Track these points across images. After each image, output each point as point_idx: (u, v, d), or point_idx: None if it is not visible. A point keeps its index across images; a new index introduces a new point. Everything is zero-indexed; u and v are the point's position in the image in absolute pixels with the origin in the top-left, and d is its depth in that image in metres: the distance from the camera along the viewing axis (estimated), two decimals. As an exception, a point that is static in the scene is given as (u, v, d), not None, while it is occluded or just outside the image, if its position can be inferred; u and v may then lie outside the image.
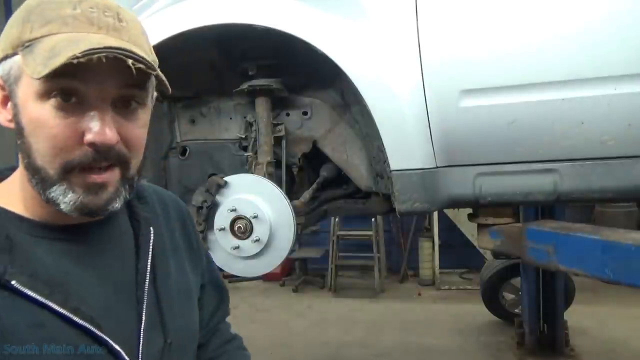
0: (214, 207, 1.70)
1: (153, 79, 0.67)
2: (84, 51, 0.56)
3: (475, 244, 4.91)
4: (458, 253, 5.93)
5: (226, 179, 1.71)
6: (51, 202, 0.63)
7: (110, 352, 0.64)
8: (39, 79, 0.58)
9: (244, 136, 1.97)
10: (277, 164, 1.93)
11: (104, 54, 0.57)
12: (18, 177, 0.68)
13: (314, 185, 1.99)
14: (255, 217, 1.66)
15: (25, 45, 0.60)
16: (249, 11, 1.60)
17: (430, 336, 4.12)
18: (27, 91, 0.61)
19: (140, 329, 0.69)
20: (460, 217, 5.45)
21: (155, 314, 0.72)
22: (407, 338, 4.11)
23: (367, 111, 1.61)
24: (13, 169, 0.71)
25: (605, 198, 1.65)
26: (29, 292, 0.60)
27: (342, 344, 4.03)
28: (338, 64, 1.58)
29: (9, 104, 0.64)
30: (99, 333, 0.63)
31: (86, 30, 0.61)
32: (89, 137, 0.61)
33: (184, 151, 2.06)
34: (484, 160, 1.62)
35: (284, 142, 1.94)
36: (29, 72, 0.58)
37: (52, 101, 0.60)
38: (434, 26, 1.56)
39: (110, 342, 0.64)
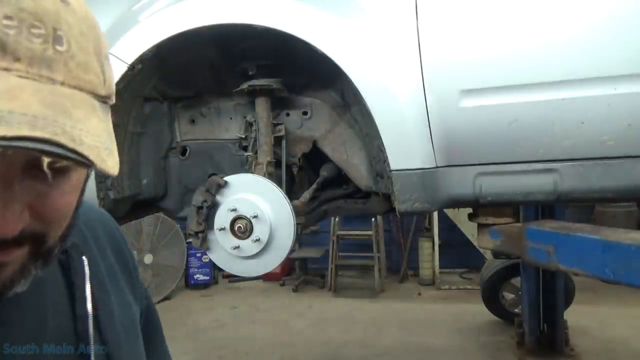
0: (214, 207, 1.70)
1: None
2: None
3: (475, 243, 4.90)
4: (458, 253, 5.94)
5: (226, 178, 1.71)
6: None
7: None
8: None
9: (244, 136, 1.97)
10: (277, 163, 1.93)
11: (0, 150, 0.34)
12: None
13: (314, 185, 1.99)
14: (255, 217, 1.66)
15: None
16: (248, 11, 1.60)
17: (430, 336, 4.12)
18: None
19: None
20: (460, 216, 5.45)
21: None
22: (407, 338, 4.11)
23: (367, 111, 1.61)
24: None
25: (605, 198, 1.65)
26: None
27: (342, 344, 4.03)
28: (338, 64, 1.58)
29: None
30: None
31: None
32: None
33: (184, 151, 2.06)
34: (484, 160, 1.62)
35: (284, 142, 1.94)
36: None
37: None
38: (434, 26, 1.56)
39: None
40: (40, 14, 0.38)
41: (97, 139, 0.40)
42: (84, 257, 0.60)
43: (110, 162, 0.41)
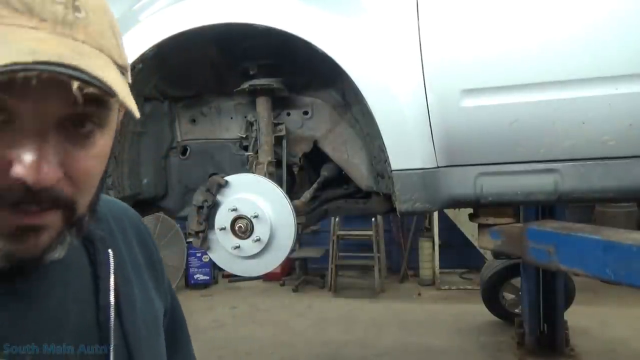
0: (214, 206, 1.70)
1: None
2: (5, 65, 0.37)
3: (476, 244, 4.90)
4: (458, 253, 5.94)
5: (227, 178, 1.71)
6: None
7: None
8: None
9: (244, 136, 1.97)
10: (277, 163, 1.93)
11: (35, 73, 0.38)
12: None
13: (315, 185, 1.99)
14: (255, 216, 1.66)
15: None
16: (249, 11, 1.60)
17: (430, 336, 4.12)
18: None
19: None
20: (460, 217, 5.45)
21: (124, 356, 0.59)
22: (407, 338, 4.11)
23: (367, 111, 1.60)
24: None
25: (606, 198, 1.65)
26: None
27: (342, 344, 4.03)
28: (339, 63, 1.58)
29: None
30: None
31: (19, 22, 0.41)
32: (18, 170, 0.43)
33: (184, 151, 2.06)
34: (485, 160, 1.62)
35: (284, 142, 1.94)
36: None
37: None
38: (435, 25, 1.56)
39: None
40: None
41: (119, 82, 0.44)
42: (109, 250, 0.62)
43: (132, 101, 0.45)
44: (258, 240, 1.67)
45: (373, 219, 5.53)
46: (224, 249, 1.71)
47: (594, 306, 4.39)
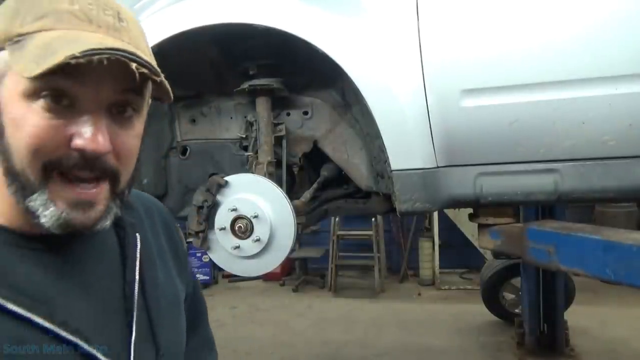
0: (214, 206, 1.70)
1: (149, 85, 0.62)
2: (84, 51, 0.51)
3: (476, 244, 4.91)
4: (458, 253, 5.94)
5: (227, 178, 1.71)
6: (30, 214, 0.57)
7: None
8: (29, 78, 0.52)
9: (244, 136, 1.97)
10: (277, 163, 1.93)
11: (106, 56, 0.52)
12: None
13: (315, 185, 1.99)
14: (255, 216, 1.66)
15: (13, 41, 0.54)
16: (249, 11, 1.60)
17: (430, 336, 4.12)
18: (12, 89, 0.55)
19: (130, 342, 0.65)
20: (460, 217, 5.45)
21: (145, 326, 0.68)
22: (407, 338, 4.11)
23: (367, 111, 1.60)
24: None
25: (606, 198, 1.65)
26: (10, 306, 0.54)
27: (342, 344, 4.03)
28: (339, 63, 1.58)
29: None
30: (87, 348, 0.59)
31: (83, 29, 0.56)
32: (78, 142, 0.55)
33: (184, 151, 2.06)
34: (485, 160, 1.62)
35: (284, 142, 1.93)
36: (19, 70, 0.53)
37: (41, 102, 0.54)
38: (435, 25, 1.56)
39: (100, 356, 0.60)
40: (107, 3, 0.59)
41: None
42: (137, 234, 0.73)
43: (167, 84, 0.61)
44: (258, 240, 1.67)
45: (373, 219, 5.53)
46: (224, 249, 1.71)
47: (594, 306, 4.40)
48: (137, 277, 0.69)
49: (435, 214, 5.62)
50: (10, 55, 0.55)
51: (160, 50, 1.64)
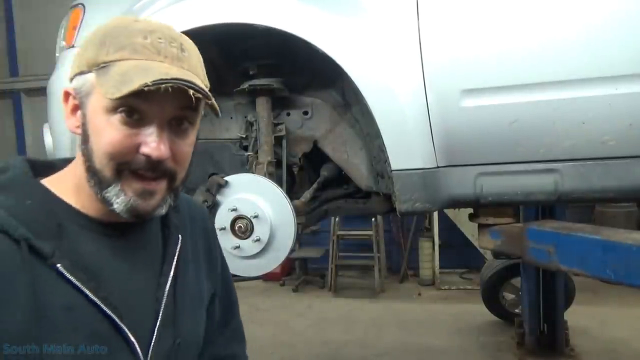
0: (214, 206, 1.70)
1: (203, 103, 0.73)
2: (154, 81, 0.64)
3: (476, 244, 4.91)
4: (458, 253, 5.93)
5: (227, 178, 1.71)
6: (105, 202, 0.71)
7: (125, 342, 0.71)
8: (111, 99, 0.65)
9: (244, 136, 1.97)
10: (277, 163, 1.93)
11: (170, 84, 0.65)
12: (72, 172, 0.75)
13: (315, 185, 1.99)
14: (255, 216, 1.66)
15: (100, 66, 0.68)
16: (249, 11, 1.60)
17: (430, 336, 4.12)
18: (96, 105, 0.69)
19: (155, 326, 0.75)
20: (460, 217, 5.44)
21: (170, 314, 0.78)
22: (407, 338, 4.11)
23: (367, 111, 1.60)
24: (67, 161, 0.79)
25: (606, 198, 1.65)
26: (69, 277, 0.67)
27: (342, 344, 4.03)
28: (339, 63, 1.58)
29: (79, 112, 0.72)
30: (119, 323, 0.70)
31: (153, 59, 0.69)
32: (145, 149, 0.69)
33: (184, 151, 2.05)
34: (485, 160, 1.62)
35: (284, 142, 1.93)
36: (103, 91, 0.66)
37: (118, 116, 0.68)
38: (435, 26, 1.56)
39: (128, 333, 0.71)
40: (173, 37, 0.73)
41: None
42: (179, 235, 0.84)
43: (216, 106, 0.73)
44: (258, 240, 1.67)
45: (373, 219, 5.53)
46: (224, 249, 1.70)
47: (594, 306, 4.39)
48: (172, 272, 0.80)
49: (435, 214, 5.61)
50: (96, 78, 0.68)
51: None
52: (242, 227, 1.67)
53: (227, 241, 1.70)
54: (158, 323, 0.76)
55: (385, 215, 4.76)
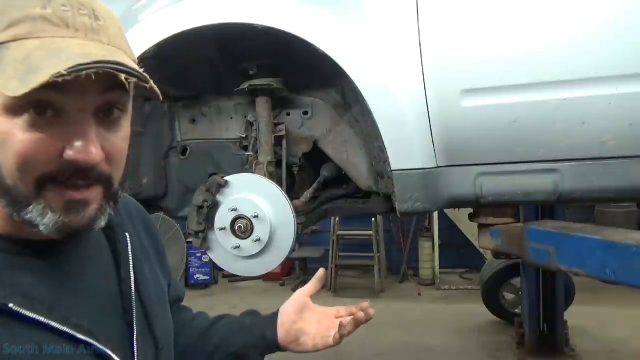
0: (214, 206, 1.70)
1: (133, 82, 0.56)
2: (71, 68, 0.48)
3: (476, 244, 4.90)
4: (458, 253, 5.93)
5: (227, 178, 1.71)
6: (28, 224, 0.56)
7: None
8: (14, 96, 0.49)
9: (244, 136, 1.97)
10: (277, 163, 1.92)
11: (93, 70, 0.50)
12: None
13: (315, 185, 1.99)
14: (255, 216, 1.66)
15: None
16: (249, 11, 1.60)
17: (430, 336, 4.12)
18: None
19: (132, 339, 0.67)
20: (460, 217, 5.44)
21: (143, 322, 0.70)
22: (407, 338, 4.11)
23: (367, 111, 1.60)
24: None
25: (605, 198, 1.65)
26: (30, 314, 0.55)
27: (342, 344, 4.02)
28: (339, 63, 1.58)
29: None
30: (100, 346, 0.60)
31: (61, 35, 0.53)
32: (70, 154, 0.54)
33: (184, 151, 2.06)
34: (485, 160, 1.62)
35: (284, 142, 1.93)
36: (1, 87, 0.50)
37: (25, 116, 0.52)
38: (435, 25, 1.56)
39: (112, 355, 0.61)
40: (82, 1, 0.55)
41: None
42: (127, 234, 0.74)
43: (156, 87, 0.57)
44: (258, 240, 1.67)
45: (373, 219, 5.53)
46: (224, 249, 1.71)
47: (594, 306, 4.39)
48: (132, 275, 0.71)
49: (435, 214, 5.61)
50: None
51: (160, 50, 1.64)
52: (242, 227, 1.67)
53: (227, 241, 1.69)
54: (135, 335, 0.67)
55: (385, 215, 4.75)
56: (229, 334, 0.96)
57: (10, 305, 0.54)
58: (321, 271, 1.01)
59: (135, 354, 0.66)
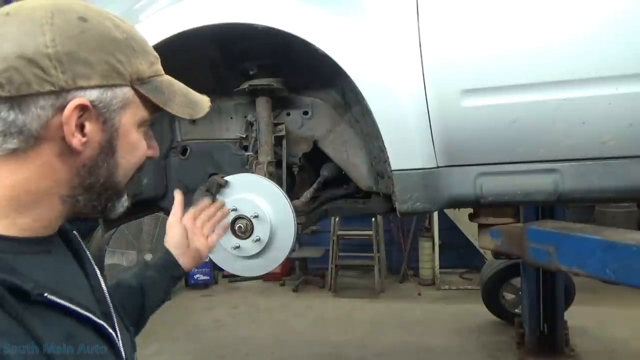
0: (214, 206, 1.69)
1: None
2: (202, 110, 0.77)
3: (476, 244, 4.91)
4: (458, 253, 5.94)
5: (227, 178, 1.71)
6: (107, 211, 0.70)
7: (114, 348, 0.69)
8: (185, 119, 0.68)
9: (244, 136, 1.97)
10: (277, 163, 1.92)
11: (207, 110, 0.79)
12: None
13: (315, 185, 1.99)
14: (255, 216, 1.66)
15: (143, 81, 0.69)
16: (249, 11, 1.60)
17: (430, 336, 4.12)
18: (130, 120, 0.68)
19: (115, 328, 0.73)
20: (460, 217, 5.45)
21: (116, 309, 0.77)
22: (407, 338, 4.11)
23: (367, 111, 1.60)
24: None
25: (605, 198, 1.65)
26: (63, 302, 0.60)
27: (342, 344, 4.03)
28: (339, 63, 1.58)
29: (90, 127, 0.63)
30: (110, 330, 0.68)
31: (162, 70, 0.76)
32: (150, 152, 0.74)
33: (184, 151, 2.06)
34: (485, 160, 1.62)
35: (284, 142, 1.93)
36: (176, 112, 0.71)
37: (144, 128, 0.72)
38: (435, 25, 1.56)
39: (116, 339, 0.69)
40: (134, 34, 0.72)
41: None
42: (74, 231, 0.78)
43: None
44: (258, 240, 1.66)
45: (373, 219, 5.53)
46: (224, 249, 1.70)
47: (594, 306, 4.39)
48: (101, 280, 0.77)
49: (435, 214, 5.61)
50: (149, 93, 0.69)
51: (160, 50, 1.63)
52: (242, 227, 1.67)
53: (227, 241, 1.69)
54: (116, 322, 0.73)
55: (385, 215, 4.76)
56: (151, 290, 1.08)
57: (45, 294, 0.58)
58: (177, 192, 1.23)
59: (120, 340, 0.71)
